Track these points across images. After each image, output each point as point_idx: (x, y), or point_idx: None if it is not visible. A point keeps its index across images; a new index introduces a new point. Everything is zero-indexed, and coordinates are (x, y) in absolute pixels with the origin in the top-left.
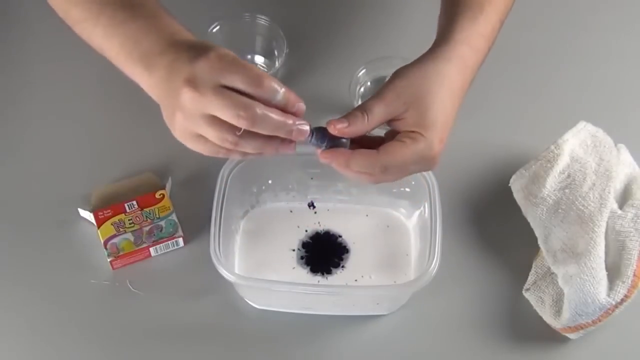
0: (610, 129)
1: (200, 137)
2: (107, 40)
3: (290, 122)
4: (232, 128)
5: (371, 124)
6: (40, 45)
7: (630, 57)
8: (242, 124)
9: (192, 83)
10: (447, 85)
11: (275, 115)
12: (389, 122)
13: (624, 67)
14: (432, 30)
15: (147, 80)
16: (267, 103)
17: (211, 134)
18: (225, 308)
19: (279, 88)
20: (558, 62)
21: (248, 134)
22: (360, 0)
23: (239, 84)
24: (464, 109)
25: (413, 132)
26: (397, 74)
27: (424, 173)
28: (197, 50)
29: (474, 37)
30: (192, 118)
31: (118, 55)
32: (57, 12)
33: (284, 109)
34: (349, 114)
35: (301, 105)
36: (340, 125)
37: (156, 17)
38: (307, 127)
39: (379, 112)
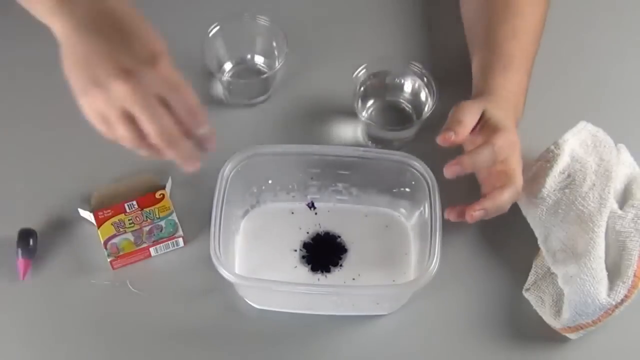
0: (610, 129)
1: (107, 121)
2: None
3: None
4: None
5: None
6: (40, 45)
7: (631, 56)
8: (155, 140)
9: (132, 78)
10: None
11: (187, 147)
12: None
13: (625, 67)
14: (432, 31)
15: (64, 21)
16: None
17: (122, 128)
18: (225, 308)
19: (206, 124)
20: (558, 62)
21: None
22: (361, 0)
23: (178, 105)
24: None
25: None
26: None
27: (424, 173)
28: (144, 44)
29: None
30: (112, 107)
31: None
32: None
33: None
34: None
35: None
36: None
37: None
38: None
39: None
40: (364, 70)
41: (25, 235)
